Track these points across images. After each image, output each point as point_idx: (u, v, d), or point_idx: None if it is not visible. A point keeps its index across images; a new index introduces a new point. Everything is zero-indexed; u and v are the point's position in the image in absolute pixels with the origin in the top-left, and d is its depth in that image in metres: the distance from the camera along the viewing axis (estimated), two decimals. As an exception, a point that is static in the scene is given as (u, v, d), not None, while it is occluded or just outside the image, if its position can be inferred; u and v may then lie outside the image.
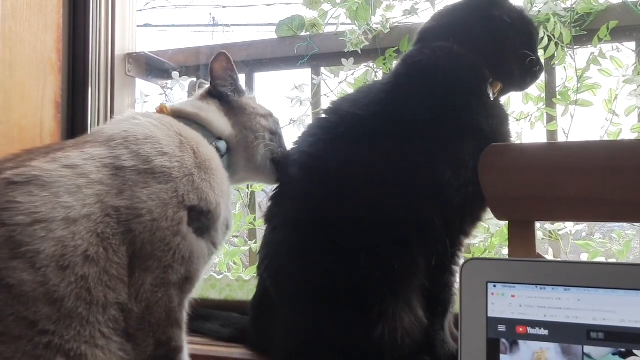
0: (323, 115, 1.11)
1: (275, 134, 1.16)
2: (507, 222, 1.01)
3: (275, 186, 1.13)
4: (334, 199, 0.98)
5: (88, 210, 0.84)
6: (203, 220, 0.94)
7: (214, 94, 1.14)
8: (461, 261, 1.03)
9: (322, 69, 1.82)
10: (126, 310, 0.86)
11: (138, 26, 1.89)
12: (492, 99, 1.08)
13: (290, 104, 1.79)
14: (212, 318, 1.37)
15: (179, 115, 1.07)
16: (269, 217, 1.09)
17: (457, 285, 1.02)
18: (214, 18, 3.40)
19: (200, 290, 1.48)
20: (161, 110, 1.08)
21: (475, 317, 0.86)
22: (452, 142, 1.00)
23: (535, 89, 1.57)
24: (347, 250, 0.96)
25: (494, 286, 0.86)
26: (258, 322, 1.10)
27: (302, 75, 1.84)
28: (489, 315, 0.86)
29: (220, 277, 1.50)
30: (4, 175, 0.83)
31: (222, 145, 1.09)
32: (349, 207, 0.97)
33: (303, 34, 1.80)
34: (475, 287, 0.87)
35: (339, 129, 1.04)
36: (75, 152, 0.90)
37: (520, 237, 0.95)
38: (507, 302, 0.85)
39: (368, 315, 0.94)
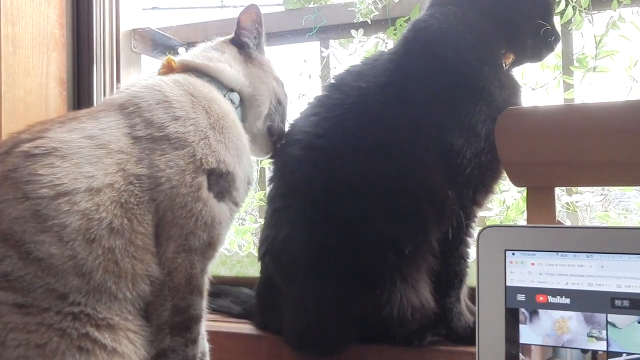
0: (324, 93, 1.07)
1: (281, 105, 1.12)
2: (524, 189, 0.97)
3: (273, 165, 1.10)
4: (343, 178, 0.95)
5: (111, 179, 0.83)
6: (222, 183, 0.91)
7: (236, 42, 1.11)
8: (475, 232, 1.00)
9: (331, 42, 1.78)
10: (157, 283, 0.85)
11: (145, 9, 1.86)
12: (505, 69, 1.03)
13: (298, 78, 1.76)
14: (222, 294, 1.35)
15: (188, 68, 1.02)
16: (271, 198, 1.06)
17: (472, 257, 0.99)
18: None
19: (211, 267, 1.49)
20: (169, 64, 1.03)
21: (493, 287, 0.83)
22: (463, 110, 0.96)
23: (552, 56, 1.53)
24: (356, 230, 0.93)
25: (513, 254, 0.83)
26: (264, 308, 1.08)
27: (311, 48, 1.80)
28: (508, 284, 0.82)
29: (231, 254, 1.47)
30: (22, 148, 0.81)
31: (235, 97, 1.05)
32: (358, 185, 0.94)
33: (311, 6, 1.77)
34: (493, 255, 0.84)
35: (343, 104, 1.00)
36: (92, 122, 0.89)
37: (540, 203, 0.91)
38: (527, 270, 0.82)
39: (377, 298, 0.92)
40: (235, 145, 0.94)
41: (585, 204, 1.51)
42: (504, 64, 1.03)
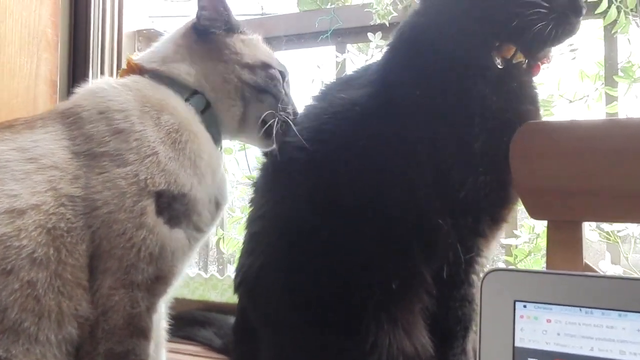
0: (311, 102, 0.93)
1: (266, 92, 0.91)
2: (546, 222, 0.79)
3: (253, 183, 0.95)
4: (319, 198, 0.81)
5: (38, 199, 0.72)
6: (177, 207, 0.78)
7: (196, 28, 0.92)
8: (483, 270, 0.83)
9: (348, 46, 1.64)
10: (87, 324, 0.73)
11: (151, 17, 1.75)
12: (500, 67, 0.82)
13: (311, 85, 1.62)
14: (207, 323, 1.23)
15: (142, 71, 0.89)
16: (249, 220, 0.91)
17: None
18: None
19: (200, 291, 1.36)
20: (129, 64, 0.90)
21: (498, 347, 0.66)
22: (449, 122, 0.81)
23: (593, 64, 1.35)
24: (337, 262, 0.79)
25: (524, 306, 0.67)
26: (240, 345, 0.93)
27: (327, 53, 1.66)
28: (517, 344, 0.66)
29: (222, 277, 1.34)
30: None
31: (199, 101, 0.88)
32: (335, 207, 0.80)
33: (327, 7, 1.63)
34: (499, 307, 0.67)
35: (324, 115, 0.86)
36: (26, 132, 0.78)
37: (563, 242, 0.74)
38: (541, 328, 0.65)
39: (360, 344, 0.76)
40: (194, 163, 0.80)
41: (629, 234, 1.31)
42: (498, 61, 0.83)
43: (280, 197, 0.85)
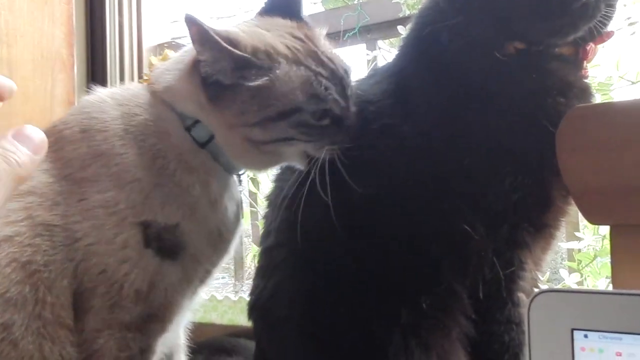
0: None
1: (292, 140, 0.71)
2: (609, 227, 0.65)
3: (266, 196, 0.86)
4: (335, 208, 0.69)
5: (12, 230, 0.63)
6: (168, 238, 0.68)
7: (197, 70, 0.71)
8: (530, 287, 0.70)
9: (379, 42, 1.52)
10: None
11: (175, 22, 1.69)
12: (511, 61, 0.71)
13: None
14: (235, 351, 1.12)
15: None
16: (263, 236, 0.81)
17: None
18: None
19: (230, 315, 1.27)
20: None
21: (553, 388, 0.53)
22: (469, 122, 0.70)
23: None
24: (357, 282, 0.68)
25: (585, 336, 0.53)
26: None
27: (355, 52, 1.55)
28: (578, 385, 0.52)
29: (221, 298, 1.25)
30: None
31: (201, 131, 0.72)
32: (351, 221, 0.70)
33: (353, 3, 1.53)
34: (553, 337, 0.54)
35: None
36: None
37: (632, 251, 0.59)
38: (609, 364, 0.51)
39: None
40: (185, 192, 0.70)
41: None
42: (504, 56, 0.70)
43: (291, 208, 0.74)
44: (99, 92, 0.76)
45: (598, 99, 1.21)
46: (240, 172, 0.79)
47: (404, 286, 0.67)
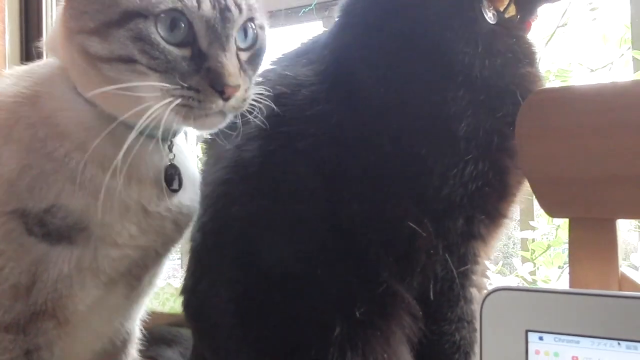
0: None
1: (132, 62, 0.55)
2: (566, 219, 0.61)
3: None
4: (260, 203, 0.64)
5: None
6: (51, 221, 0.57)
7: None
8: (482, 280, 0.66)
9: (338, 20, 1.47)
10: None
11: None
12: (492, 23, 0.66)
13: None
14: (176, 342, 1.06)
15: None
16: (193, 233, 0.72)
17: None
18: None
19: (171, 303, 1.20)
20: None
21: (505, 394, 0.49)
22: (422, 102, 0.64)
23: (619, 26, 1.16)
24: (283, 288, 0.62)
25: (540, 338, 0.49)
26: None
27: (311, 30, 1.49)
28: (531, 391, 0.48)
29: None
30: None
31: None
32: (275, 217, 0.64)
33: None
34: (506, 338, 0.50)
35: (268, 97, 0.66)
36: None
37: (591, 247, 0.55)
38: (565, 369, 0.48)
39: None
40: (58, 166, 0.58)
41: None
42: (490, 14, 0.65)
43: (220, 204, 0.67)
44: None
45: (557, 85, 1.19)
46: (165, 136, 0.61)
47: (337, 293, 0.61)
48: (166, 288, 1.19)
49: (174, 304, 1.18)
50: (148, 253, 0.64)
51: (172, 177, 0.63)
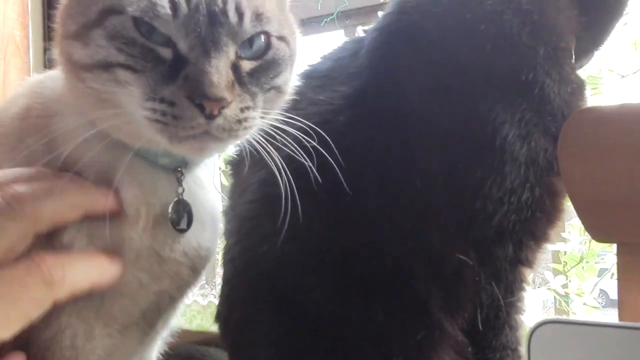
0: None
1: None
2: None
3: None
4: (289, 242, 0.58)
5: None
6: None
7: None
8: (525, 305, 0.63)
9: (359, 29, 1.45)
10: None
11: None
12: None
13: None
14: (203, 360, 1.05)
15: None
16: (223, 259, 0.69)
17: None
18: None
19: (198, 320, 1.19)
20: None
21: None
22: (485, 118, 0.59)
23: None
24: (314, 330, 0.59)
25: (593, 374, 0.47)
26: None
27: (332, 39, 1.48)
28: None
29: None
30: None
31: None
32: (301, 252, 0.59)
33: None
34: (556, 374, 0.47)
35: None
36: None
37: (641, 273, 0.53)
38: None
39: None
40: None
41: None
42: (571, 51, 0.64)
43: (250, 242, 0.63)
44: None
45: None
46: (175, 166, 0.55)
47: (376, 336, 0.57)
48: (193, 305, 1.18)
49: (201, 322, 1.18)
50: (162, 298, 0.57)
51: (180, 215, 0.54)
